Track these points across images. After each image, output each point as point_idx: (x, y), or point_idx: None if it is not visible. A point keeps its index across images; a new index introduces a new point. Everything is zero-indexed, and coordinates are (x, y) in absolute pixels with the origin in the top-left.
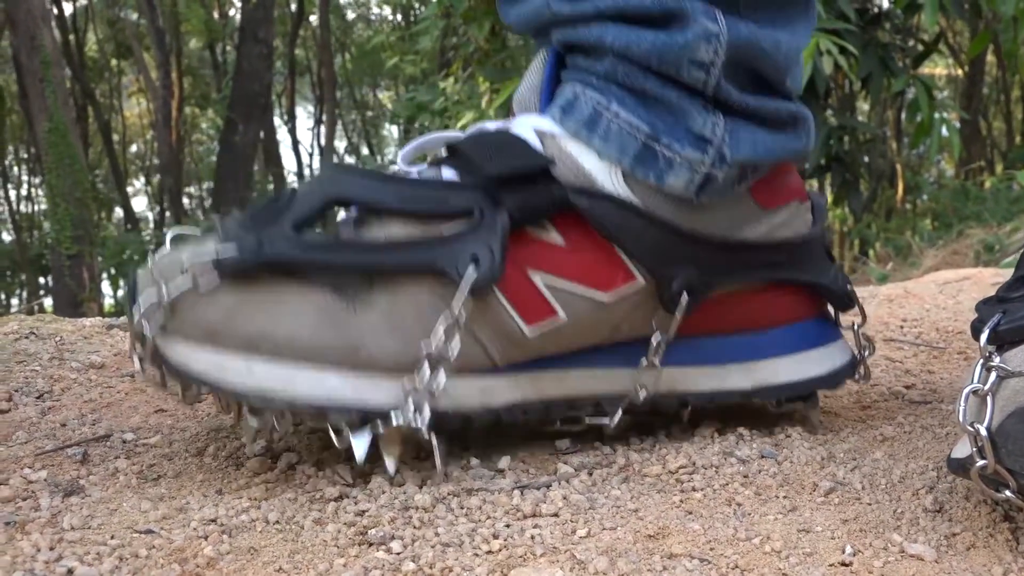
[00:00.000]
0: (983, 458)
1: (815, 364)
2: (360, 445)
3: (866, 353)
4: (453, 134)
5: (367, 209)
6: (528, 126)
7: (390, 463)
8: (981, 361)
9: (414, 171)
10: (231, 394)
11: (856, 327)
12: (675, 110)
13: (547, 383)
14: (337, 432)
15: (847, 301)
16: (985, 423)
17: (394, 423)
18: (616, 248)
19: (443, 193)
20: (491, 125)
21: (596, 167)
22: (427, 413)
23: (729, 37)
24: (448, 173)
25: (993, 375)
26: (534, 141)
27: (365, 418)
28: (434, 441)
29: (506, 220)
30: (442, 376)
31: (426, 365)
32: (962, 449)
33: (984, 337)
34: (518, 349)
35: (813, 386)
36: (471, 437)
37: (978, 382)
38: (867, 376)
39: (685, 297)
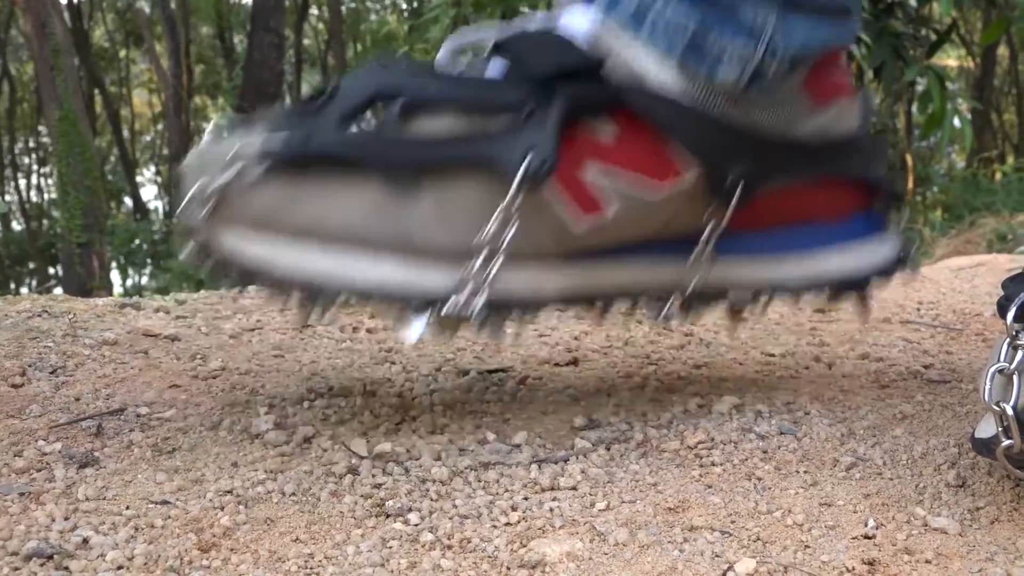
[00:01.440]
0: (1009, 437)
1: (866, 256)
2: (414, 328)
3: (913, 247)
4: (494, 31)
5: (415, 103)
6: (575, 25)
7: (445, 337)
8: (1007, 340)
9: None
10: (285, 280)
11: (901, 219)
12: (723, 3)
13: (598, 274)
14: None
15: (899, 195)
16: (1012, 402)
17: (448, 308)
18: (669, 143)
19: (494, 88)
20: (536, 22)
21: (647, 63)
22: (482, 300)
23: None
24: (495, 68)
25: (1020, 353)
26: (582, 39)
27: (419, 303)
28: (487, 324)
29: (559, 112)
30: (496, 266)
31: (481, 255)
32: (986, 428)
33: (1011, 315)
34: (568, 242)
35: (865, 276)
36: (484, 412)
37: (1004, 360)
38: (917, 269)
39: (740, 189)
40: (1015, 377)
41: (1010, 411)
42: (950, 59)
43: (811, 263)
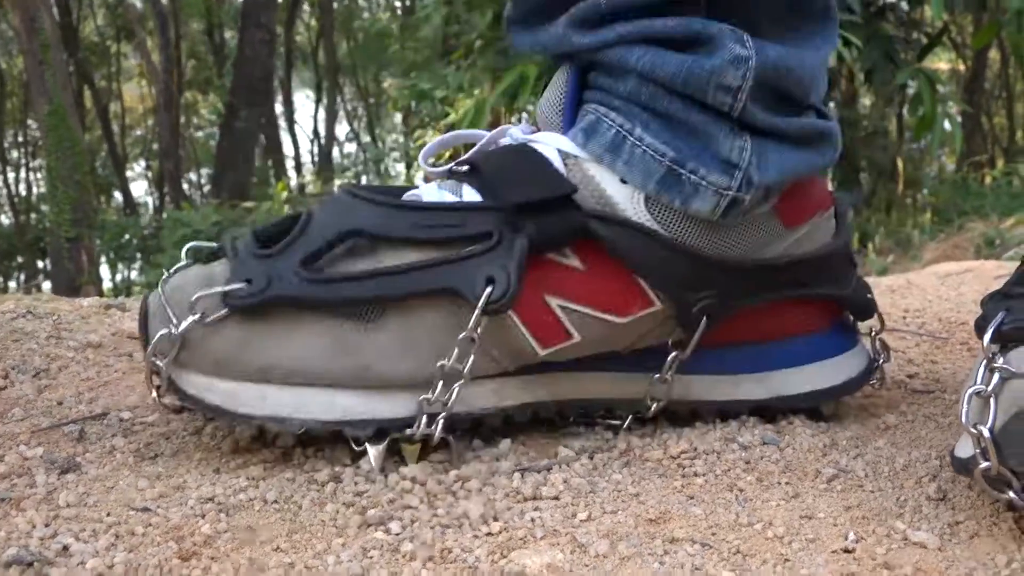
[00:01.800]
0: (986, 459)
1: (830, 374)
2: (375, 453)
3: (882, 360)
4: (475, 134)
5: (379, 240)
6: (551, 146)
7: (411, 459)
8: (984, 361)
9: (434, 181)
10: (247, 420)
11: (874, 333)
12: (701, 134)
13: (561, 385)
14: (355, 442)
15: (867, 310)
16: (988, 424)
17: (408, 434)
18: (638, 277)
19: (461, 217)
20: (515, 133)
21: (619, 193)
22: (440, 423)
23: (758, 61)
24: (469, 191)
25: (996, 376)
26: (557, 163)
27: (380, 430)
28: (451, 440)
29: (524, 244)
30: (455, 390)
31: (440, 382)
32: (965, 448)
33: (987, 337)
34: (531, 361)
35: (826, 396)
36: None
37: (981, 383)
38: (883, 382)
39: (705, 319)
40: (991, 400)
41: (987, 433)
42: (941, 62)
43: (773, 384)
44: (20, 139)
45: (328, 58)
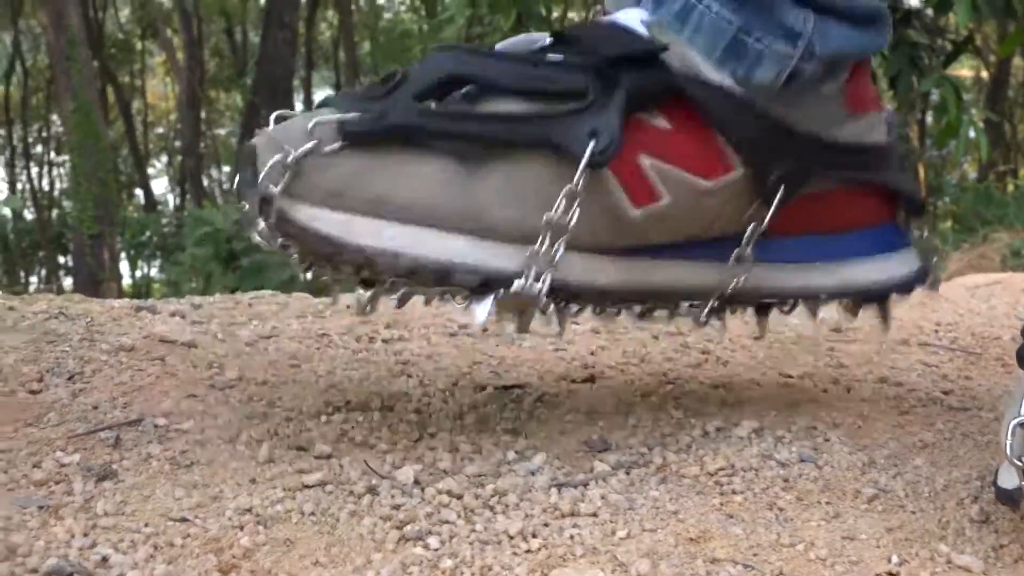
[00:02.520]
0: None
1: (893, 268)
2: (482, 308)
3: (935, 260)
4: (544, 35)
5: (483, 86)
6: (633, 17)
7: (510, 327)
8: None
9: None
10: (356, 251)
11: (924, 235)
12: (765, 4)
13: (646, 271)
14: (449, 297)
15: (922, 207)
16: None
17: (514, 289)
18: (719, 137)
19: (558, 73)
20: (601, 21)
21: (696, 58)
22: (547, 282)
23: None
24: (557, 57)
25: None
26: (641, 29)
27: (487, 281)
28: (551, 307)
29: (622, 99)
30: (561, 246)
31: (547, 236)
32: (1010, 479)
33: None
34: (622, 231)
35: (890, 289)
36: (502, 430)
37: None
38: (937, 284)
39: (782, 189)
40: None
41: None
42: (964, 69)
43: (840, 273)
44: (43, 135)
45: (348, 57)
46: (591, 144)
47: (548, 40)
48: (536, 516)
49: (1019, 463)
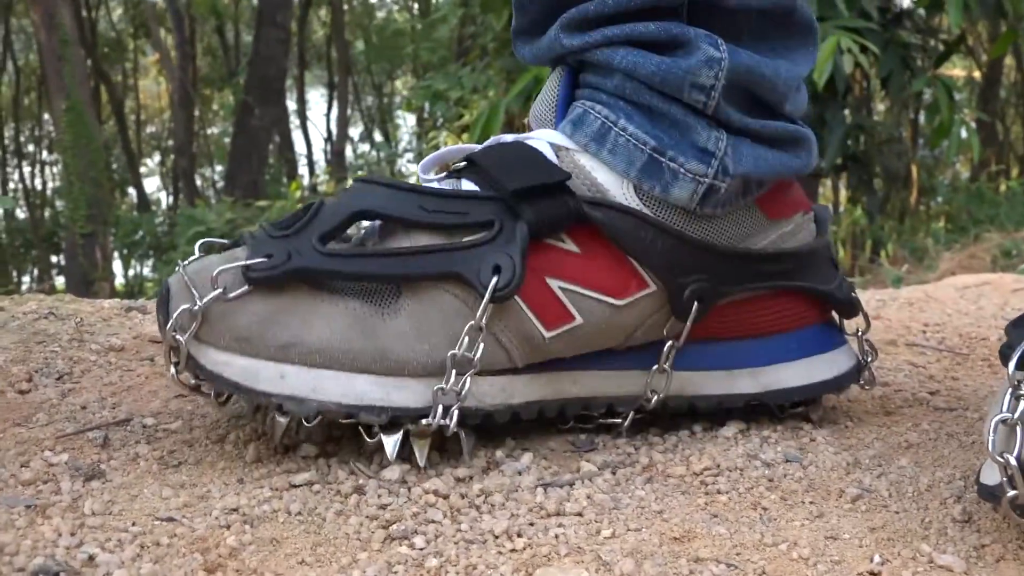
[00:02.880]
0: (1014, 488)
1: (820, 369)
2: (391, 444)
3: (869, 359)
4: (471, 147)
5: (393, 221)
6: (543, 140)
7: (420, 457)
8: (1010, 389)
9: (434, 181)
10: (264, 398)
11: (860, 333)
12: (680, 125)
13: (564, 383)
14: (368, 432)
15: (852, 308)
16: (1015, 453)
17: (423, 424)
18: (629, 257)
19: (465, 205)
20: (508, 138)
21: (608, 180)
22: (455, 414)
23: (730, 63)
24: (468, 185)
25: (1022, 403)
26: (550, 154)
27: (395, 418)
28: (463, 435)
29: (525, 231)
30: (468, 379)
31: (453, 371)
32: (991, 475)
33: (1013, 364)
34: (538, 351)
35: (818, 390)
36: (492, 432)
37: (1007, 410)
38: (872, 381)
39: (696, 304)
40: (1018, 428)
41: (1014, 462)
42: (956, 69)
43: (764, 377)
44: (36, 134)
45: (340, 56)
46: (493, 280)
47: (463, 164)
48: (522, 515)
49: (1001, 459)
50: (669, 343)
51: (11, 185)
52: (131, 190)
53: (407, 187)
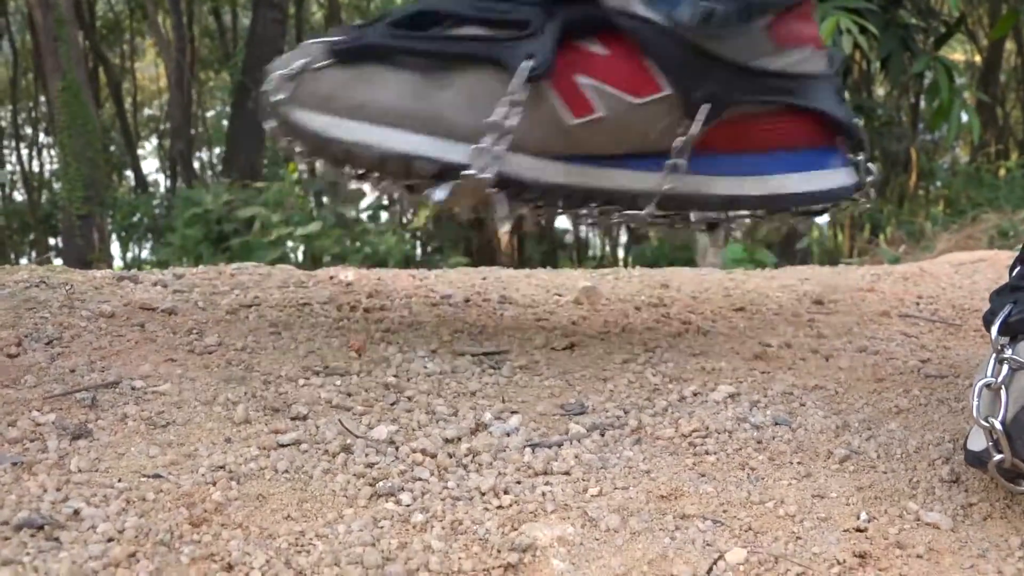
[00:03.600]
0: (999, 452)
1: (823, 181)
2: (441, 191)
3: (869, 178)
4: None
5: (449, 17)
6: None
7: (464, 211)
8: (994, 354)
9: None
10: (339, 145)
11: (862, 158)
12: None
13: (590, 177)
14: (414, 188)
15: (855, 131)
16: (1000, 417)
17: (464, 175)
18: (648, 61)
19: (509, 6)
20: None
21: None
22: (493, 169)
23: None
24: None
25: (1006, 368)
26: None
27: (442, 171)
28: (500, 197)
29: (557, 28)
30: (504, 143)
31: (492, 135)
32: (978, 441)
33: (995, 329)
34: (567, 138)
35: (819, 197)
36: (480, 394)
37: (991, 375)
38: (871, 198)
39: (705, 106)
40: (1002, 391)
41: (999, 426)
42: (956, 53)
43: (770, 183)
44: (33, 115)
45: None
46: (527, 63)
47: None
48: (509, 474)
49: (986, 423)
50: (680, 139)
51: (8, 167)
52: (129, 172)
53: None
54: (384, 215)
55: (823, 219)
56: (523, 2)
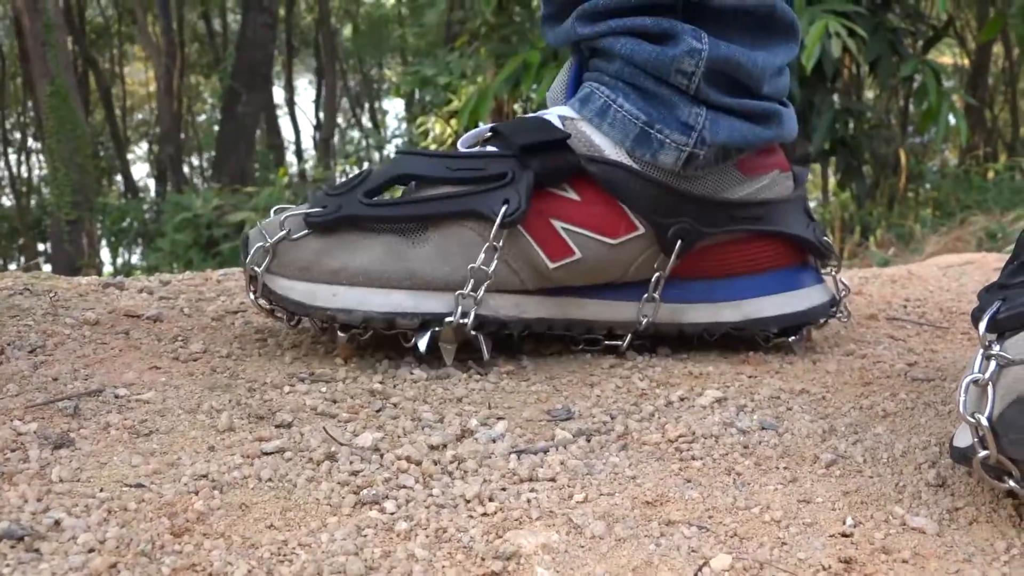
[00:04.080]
0: (985, 448)
1: (797, 301)
2: (423, 341)
3: (844, 294)
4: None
5: (424, 180)
6: (554, 113)
7: (448, 357)
8: (981, 350)
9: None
10: (322, 312)
11: (833, 272)
12: (667, 103)
13: (570, 307)
14: (404, 339)
15: (824, 250)
16: (986, 413)
17: (447, 323)
18: (621, 204)
19: (484, 162)
20: (529, 117)
21: (604, 142)
22: (472, 314)
23: (709, 53)
24: (491, 148)
25: (993, 364)
26: (558, 123)
27: (424, 322)
28: (481, 339)
29: (531, 176)
30: (483, 288)
31: (471, 281)
32: (964, 437)
33: (983, 325)
34: (545, 279)
35: (794, 319)
36: (466, 401)
37: (978, 371)
38: (848, 315)
39: (679, 242)
40: (989, 387)
41: (985, 422)
42: (945, 56)
43: (744, 308)
44: (22, 120)
45: (326, 43)
46: (503, 208)
47: (488, 133)
48: (494, 481)
49: (972, 419)
50: (658, 274)
51: None
52: (119, 177)
53: (438, 153)
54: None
55: (798, 347)
56: (497, 155)
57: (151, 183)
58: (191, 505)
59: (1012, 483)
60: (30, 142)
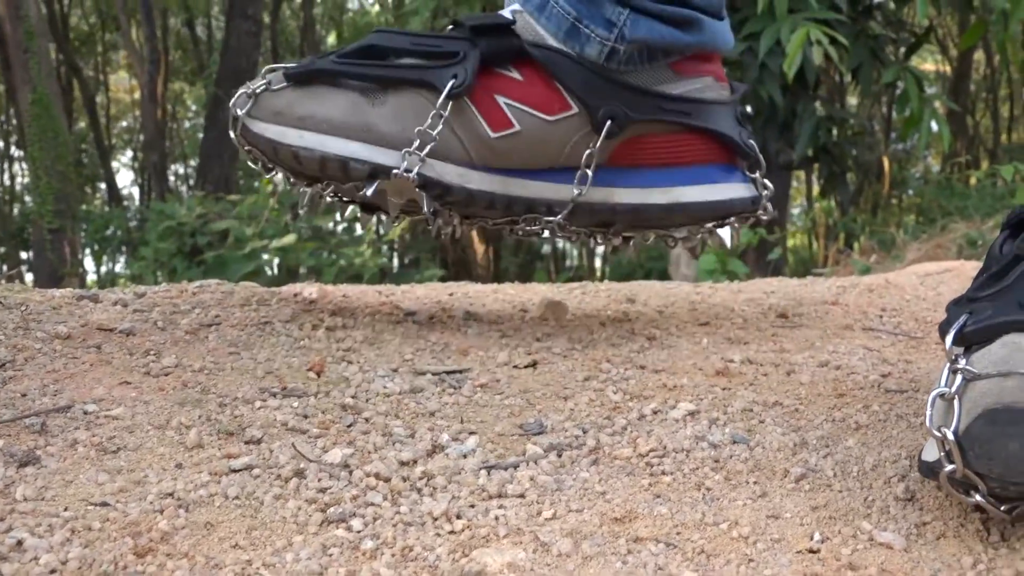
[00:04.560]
0: (951, 462)
1: (720, 192)
2: (370, 189)
3: (765, 192)
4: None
5: (391, 51)
6: (508, 9)
7: (393, 209)
8: (947, 364)
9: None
10: (287, 149)
11: (759, 174)
12: (596, 2)
13: (512, 186)
14: (354, 189)
15: (748, 151)
16: (952, 427)
17: (393, 174)
18: (559, 85)
19: (441, 41)
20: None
21: (545, 32)
22: (415, 171)
23: None
24: (450, 33)
25: (959, 378)
26: (507, 13)
27: (374, 171)
28: (424, 195)
29: (478, 55)
30: (428, 148)
31: (418, 141)
32: (932, 452)
33: (950, 339)
34: (488, 150)
35: (720, 207)
36: (439, 415)
37: (945, 385)
38: (768, 212)
39: (609, 122)
40: (955, 402)
41: (951, 436)
42: (927, 63)
43: (672, 193)
44: (5, 128)
45: (311, 50)
46: (451, 81)
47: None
48: (463, 498)
49: (938, 434)
50: (589, 151)
51: None
52: (103, 185)
53: (407, 32)
54: (359, 228)
55: (726, 235)
56: (453, 37)
57: (135, 191)
58: (155, 524)
59: (979, 497)
60: (12, 150)
